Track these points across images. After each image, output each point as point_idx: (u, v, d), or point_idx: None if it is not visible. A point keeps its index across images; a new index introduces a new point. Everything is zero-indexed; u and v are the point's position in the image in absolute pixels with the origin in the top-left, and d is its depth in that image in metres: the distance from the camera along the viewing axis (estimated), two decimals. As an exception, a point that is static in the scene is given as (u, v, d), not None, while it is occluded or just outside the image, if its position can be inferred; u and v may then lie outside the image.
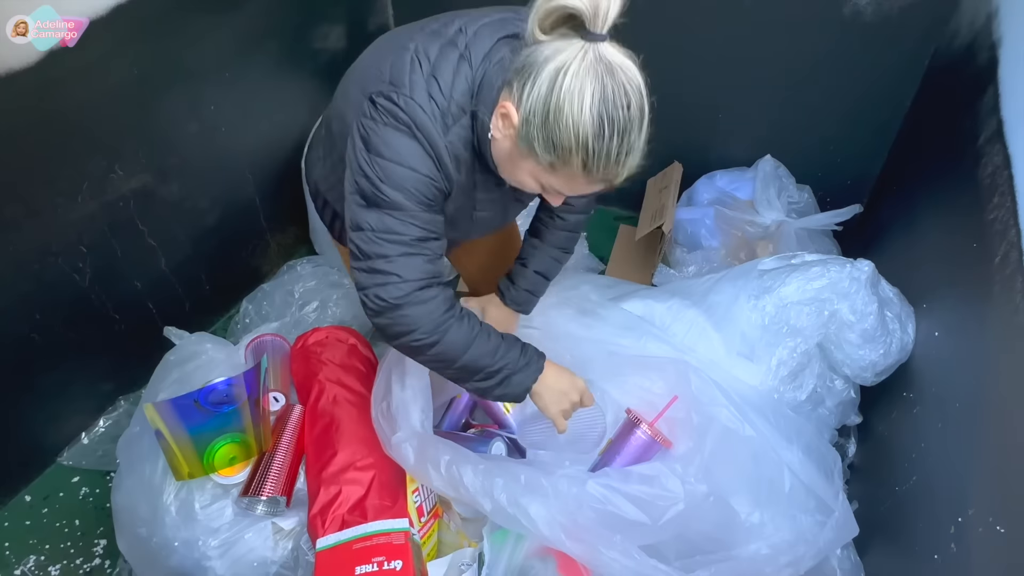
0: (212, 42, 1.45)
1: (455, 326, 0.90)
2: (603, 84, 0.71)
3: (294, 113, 1.77)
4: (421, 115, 0.81)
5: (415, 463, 1.00)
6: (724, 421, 1.06)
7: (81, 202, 1.31)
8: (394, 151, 0.82)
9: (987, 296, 1.01)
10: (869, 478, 1.31)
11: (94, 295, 1.41)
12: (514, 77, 0.77)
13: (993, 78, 1.18)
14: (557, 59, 0.72)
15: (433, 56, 0.83)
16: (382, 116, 0.82)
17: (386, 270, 0.85)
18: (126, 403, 1.55)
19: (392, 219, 0.83)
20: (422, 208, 0.84)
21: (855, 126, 1.74)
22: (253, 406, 1.09)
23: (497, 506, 0.93)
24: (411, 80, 0.82)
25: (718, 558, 0.96)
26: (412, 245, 0.85)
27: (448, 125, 0.83)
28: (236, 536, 1.08)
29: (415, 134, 0.81)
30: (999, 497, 0.85)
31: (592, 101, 0.71)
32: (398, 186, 0.82)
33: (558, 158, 0.76)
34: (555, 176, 0.79)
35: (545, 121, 0.74)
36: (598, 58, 0.72)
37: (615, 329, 1.26)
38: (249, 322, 1.66)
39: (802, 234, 1.68)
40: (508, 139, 0.80)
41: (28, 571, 1.32)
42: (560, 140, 0.74)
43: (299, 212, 1.86)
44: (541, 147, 0.76)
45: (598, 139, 0.73)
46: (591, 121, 0.72)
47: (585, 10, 0.70)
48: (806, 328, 1.25)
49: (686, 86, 1.79)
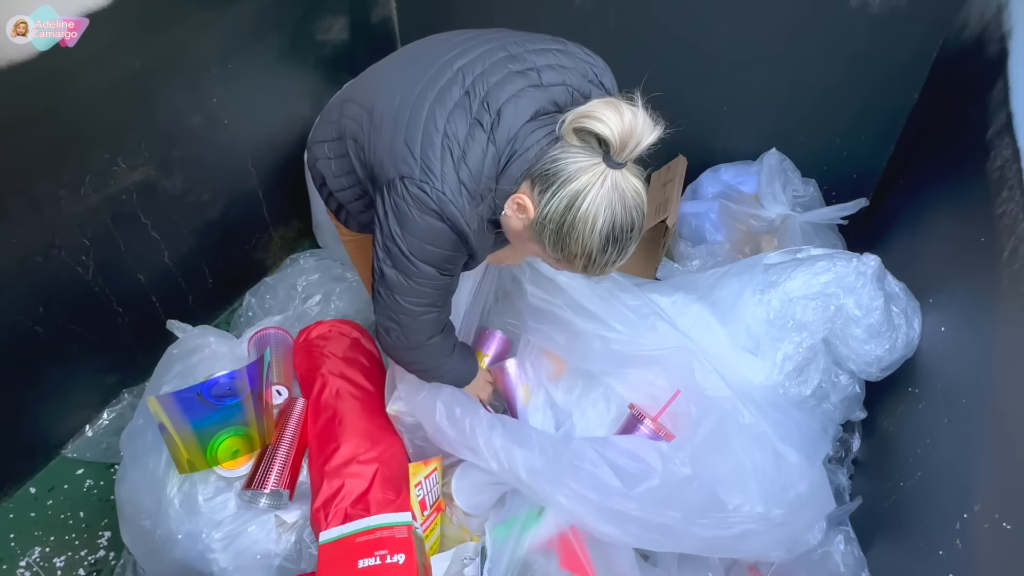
0: (214, 34, 1.45)
1: (447, 362, 1.06)
2: (614, 212, 0.81)
3: (297, 106, 1.76)
4: (452, 209, 0.88)
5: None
6: (724, 408, 1.06)
7: (84, 195, 1.30)
8: (424, 233, 0.89)
9: (995, 291, 1.00)
10: (874, 473, 1.31)
11: (97, 288, 1.41)
12: (537, 178, 0.85)
13: (1003, 71, 1.16)
14: (579, 180, 0.81)
15: (463, 140, 0.88)
16: (416, 202, 0.88)
17: (406, 325, 0.97)
18: (130, 396, 1.55)
19: (416, 285, 0.93)
20: (443, 276, 0.94)
21: (861, 119, 1.73)
22: (256, 399, 1.09)
23: (492, 451, 1.01)
24: (443, 171, 0.87)
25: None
26: (429, 306, 0.96)
27: (476, 205, 0.90)
28: (239, 529, 1.08)
29: (446, 221, 0.89)
30: (1005, 493, 0.85)
31: (602, 226, 0.82)
32: (426, 260, 0.91)
33: (563, 257, 0.87)
34: (557, 264, 0.91)
35: (559, 231, 0.84)
36: (614, 185, 0.81)
37: (625, 308, 1.26)
38: (252, 315, 1.66)
39: (807, 228, 1.66)
40: (520, 222, 0.89)
41: (33, 563, 1.33)
42: (568, 248, 0.85)
43: (302, 205, 1.86)
44: (550, 246, 0.87)
45: (601, 254, 0.84)
46: (598, 242, 0.83)
47: (614, 142, 0.79)
48: (812, 323, 1.24)
49: (691, 79, 1.77)
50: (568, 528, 1.00)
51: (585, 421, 1.14)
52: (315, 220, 1.88)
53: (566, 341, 1.20)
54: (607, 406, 1.16)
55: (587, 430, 1.14)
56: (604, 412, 1.15)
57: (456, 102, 0.89)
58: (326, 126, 1.05)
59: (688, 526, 0.95)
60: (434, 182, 0.87)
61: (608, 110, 0.79)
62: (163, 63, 1.35)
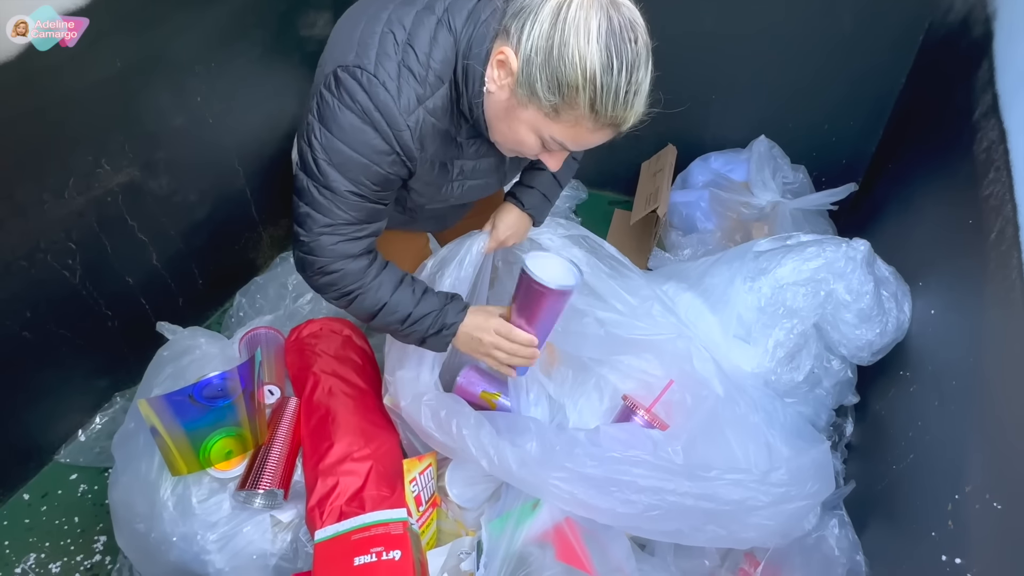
0: (196, 32, 1.43)
1: (369, 290, 0.90)
2: (609, 16, 0.68)
3: (282, 103, 1.75)
4: (383, 95, 0.76)
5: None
6: (718, 396, 1.06)
7: (68, 198, 1.29)
8: (344, 132, 0.78)
9: (983, 272, 1.00)
10: (866, 457, 1.32)
11: (85, 291, 1.40)
12: (510, 22, 0.72)
13: (988, 52, 1.16)
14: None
15: (408, 24, 0.78)
16: (341, 94, 0.78)
17: (305, 241, 0.86)
18: (122, 399, 1.54)
19: (323, 198, 0.82)
20: (356, 197, 0.82)
21: (849, 104, 1.73)
22: (248, 400, 1.08)
23: (481, 450, 0.98)
24: (379, 54, 0.77)
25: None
26: (332, 228, 0.84)
27: (424, 96, 0.78)
28: (235, 529, 1.08)
29: (371, 118, 0.77)
30: (996, 474, 0.85)
31: (599, 31, 0.67)
32: (341, 168, 0.80)
33: (563, 99, 0.71)
34: (559, 123, 0.74)
35: (548, 57, 0.69)
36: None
37: (623, 290, 1.25)
38: (243, 315, 1.65)
39: (797, 215, 1.67)
40: (506, 88, 0.75)
41: (29, 569, 1.33)
42: (566, 76, 0.69)
43: (290, 204, 1.84)
44: (544, 87, 0.71)
45: (607, 72, 0.69)
46: (599, 52, 0.68)
47: None
48: (802, 309, 1.24)
49: (679, 67, 1.76)
50: (563, 520, 1.00)
51: (578, 413, 1.14)
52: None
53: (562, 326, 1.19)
54: (600, 397, 1.16)
55: (580, 422, 1.14)
56: (597, 403, 1.15)
57: (415, 8, 0.80)
58: (310, 99, 1.02)
59: (689, 484, 0.94)
60: (366, 65, 0.76)
61: None
62: (145, 62, 1.34)
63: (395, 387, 1.11)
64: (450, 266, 1.09)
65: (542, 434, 1.01)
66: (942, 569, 0.89)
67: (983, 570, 0.83)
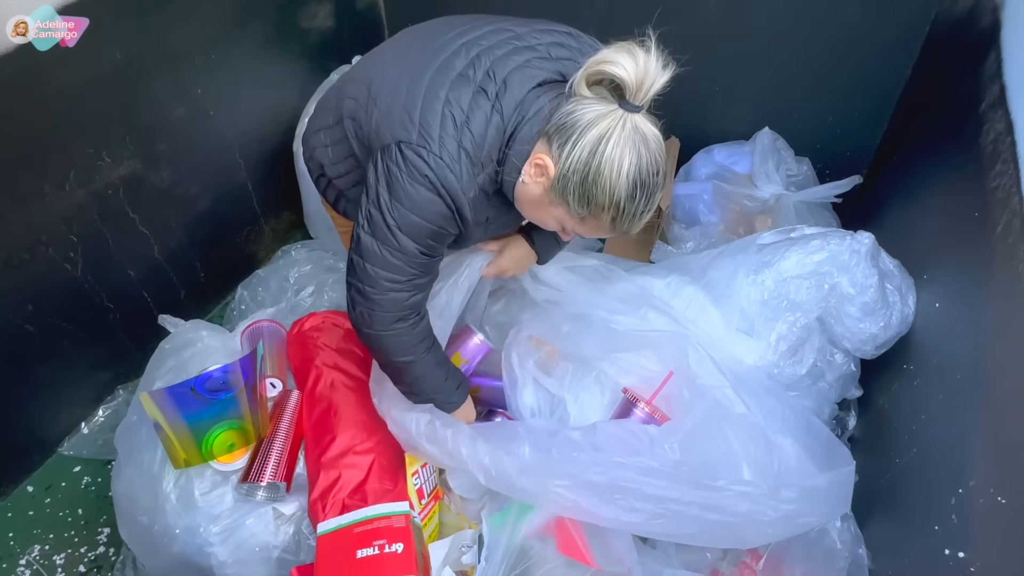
0: (196, 23, 1.42)
1: (419, 360, 1.00)
2: (639, 154, 0.80)
3: (284, 95, 1.74)
4: (448, 174, 0.85)
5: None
6: (716, 396, 1.06)
7: (69, 190, 1.29)
8: (415, 203, 0.86)
9: (989, 266, 1.00)
10: (869, 450, 1.31)
11: (87, 284, 1.39)
12: (553, 133, 0.83)
13: (995, 42, 1.15)
14: (600, 125, 0.79)
15: (466, 106, 0.86)
16: (409, 168, 0.86)
17: (374, 298, 0.93)
18: (125, 392, 1.54)
19: (392, 258, 0.90)
20: (423, 255, 0.91)
21: (854, 95, 1.71)
22: (250, 392, 1.08)
23: (478, 464, 0.99)
24: (442, 135, 0.85)
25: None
26: (402, 284, 0.92)
27: (476, 174, 0.88)
28: (237, 522, 1.08)
29: (439, 192, 0.86)
30: (1001, 468, 0.85)
31: (630, 169, 0.80)
32: (410, 234, 0.88)
33: (590, 212, 0.84)
34: (582, 225, 0.88)
35: (584, 180, 0.81)
36: (635, 128, 0.80)
37: (617, 300, 1.25)
38: (245, 308, 1.65)
39: (801, 207, 1.66)
40: (539, 186, 0.86)
41: (33, 560, 1.33)
42: (596, 198, 0.82)
43: (292, 196, 1.84)
44: (575, 200, 0.83)
45: (630, 201, 0.82)
46: (627, 186, 0.80)
47: (630, 83, 0.78)
48: (806, 302, 1.24)
49: (682, 59, 1.75)
50: (565, 513, 1.00)
51: (579, 407, 1.14)
52: (306, 211, 1.87)
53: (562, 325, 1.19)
54: (600, 391, 1.15)
55: (581, 416, 1.14)
56: (598, 397, 1.15)
57: (459, 72, 0.88)
58: (323, 114, 1.04)
59: (694, 493, 0.94)
60: (431, 146, 0.84)
61: (622, 54, 0.78)
62: (144, 54, 1.33)
63: (382, 397, 1.10)
64: (448, 280, 1.14)
65: (535, 439, 1.00)
66: (945, 563, 0.89)
67: (987, 564, 0.82)
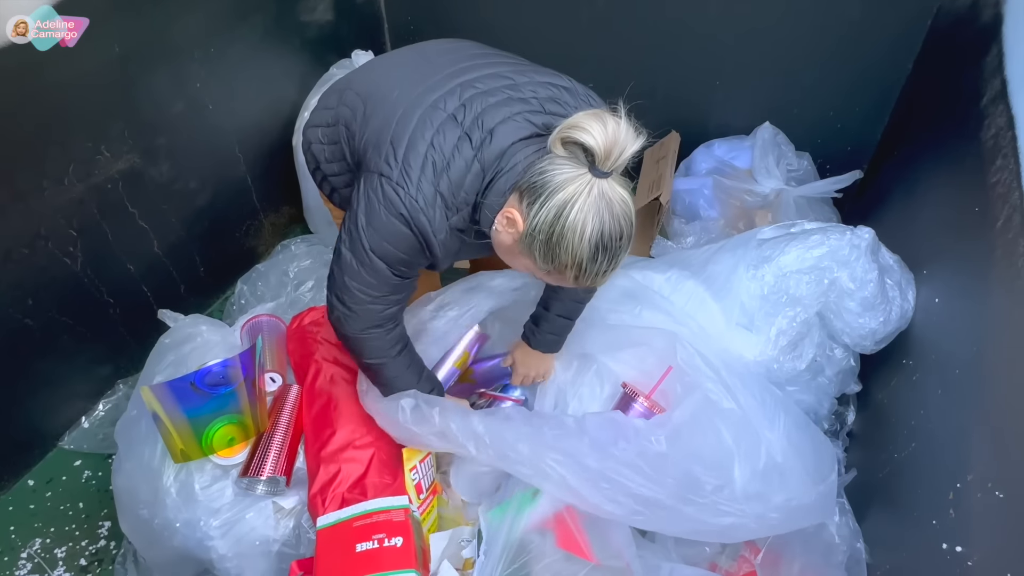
0: (195, 17, 1.42)
1: (390, 363, 1.05)
2: (602, 221, 0.81)
3: (282, 90, 1.73)
4: (421, 218, 0.89)
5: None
6: (706, 392, 1.06)
7: (68, 185, 1.29)
8: (388, 233, 0.91)
9: (989, 261, 1.00)
10: (868, 445, 1.32)
11: (87, 279, 1.39)
12: (525, 191, 0.85)
13: (997, 36, 1.15)
14: (566, 190, 0.81)
15: (448, 152, 0.89)
16: (386, 202, 0.89)
17: (350, 306, 0.98)
18: (125, 386, 1.55)
19: (367, 275, 0.94)
20: (396, 276, 0.95)
21: (856, 90, 1.71)
22: (250, 387, 1.08)
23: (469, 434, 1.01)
24: (420, 180, 0.88)
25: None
26: (376, 298, 0.97)
27: (449, 216, 0.91)
28: (237, 516, 1.09)
29: (411, 228, 0.90)
30: (998, 463, 0.85)
31: (591, 234, 0.82)
32: (383, 257, 0.93)
33: (554, 268, 0.86)
34: (548, 276, 0.90)
35: (548, 241, 0.84)
36: (601, 194, 0.81)
37: (617, 295, 1.26)
38: (244, 303, 1.65)
39: (801, 202, 1.66)
40: (510, 236, 0.89)
41: (35, 553, 1.34)
42: (559, 258, 0.84)
43: (292, 191, 1.84)
44: (540, 257, 0.86)
45: (592, 262, 0.84)
46: (588, 250, 0.83)
47: (598, 151, 0.79)
48: (806, 297, 1.24)
49: (683, 54, 1.75)
50: (563, 508, 1.01)
51: (579, 400, 1.14)
52: (306, 205, 1.87)
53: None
54: (600, 385, 1.16)
55: (581, 409, 1.14)
56: (598, 390, 1.15)
57: (449, 114, 0.90)
58: (322, 112, 1.06)
59: (679, 503, 0.95)
60: (409, 188, 0.88)
61: (592, 120, 0.80)
62: (142, 48, 1.32)
63: (367, 394, 1.11)
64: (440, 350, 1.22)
65: (528, 418, 1.03)
66: (943, 557, 0.89)
67: (984, 558, 0.83)
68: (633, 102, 0.83)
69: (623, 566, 1.00)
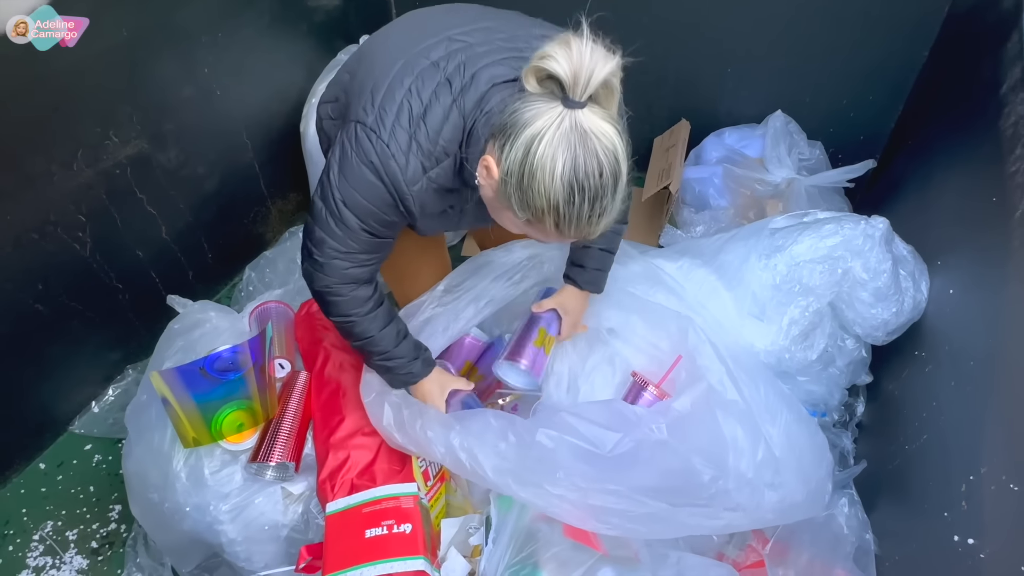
0: (202, 2, 1.40)
1: (359, 321, 1.00)
2: (575, 154, 0.73)
3: (290, 75, 1.72)
4: (391, 164, 0.85)
5: (385, 423, 1.07)
6: (711, 381, 1.05)
7: (77, 170, 1.28)
8: (358, 183, 0.87)
9: (1005, 252, 0.98)
10: (879, 437, 1.31)
11: (96, 264, 1.40)
12: (498, 133, 0.79)
13: (1017, 23, 1.12)
14: (535, 125, 0.74)
15: (426, 98, 0.85)
16: (358, 149, 0.86)
17: (318, 260, 0.95)
18: (134, 372, 1.55)
19: (337, 229, 0.91)
20: (366, 233, 0.91)
21: (869, 78, 1.68)
22: (259, 373, 1.09)
23: (450, 452, 0.99)
24: (395, 125, 0.85)
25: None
26: (344, 254, 0.93)
27: (428, 167, 0.87)
28: (247, 501, 1.09)
29: (381, 177, 0.86)
30: (1013, 455, 0.84)
31: (563, 170, 0.74)
32: (353, 210, 0.89)
33: (532, 216, 0.79)
34: (531, 228, 0.83)
35: (520, 185, 0.77)
36: (573, 126, 0.74)
37: (631, 278, 1.25)
38: (252, 289, 1.65)
39: (813, 192, 1.64)
40: (490, 188, 0.83)
41: (46, 536, 1.35)
42: (533, 203, 0.77)
43: (300, 178, 1.83)
44: (516, 205, 0.79)
45: (568, 204, 0.76)
46: (562, 190, 0.75)
47: (565, 77, 0.72)
48: (818, 287, 1.23)
49: (693, 41, 1.73)
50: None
51: (591, 386, 1.14)
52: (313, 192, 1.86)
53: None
54: (612, 371, 1.15)
55: (592, 395, 1.14)
56: (609, 376, 1.15)
57: (432, 62, 0.87)
58: (332, 87, 1.04)
59: (673, 513, 0.94)
60: (382, 133, 0.84)
61: (557, 46, 0.73)
62: (150, 32, 1.32)
63: (363, 391, 1.12)
64: None
65: (515, 436, 0.98)
66: (954, 549, 0.89)
67: (997, 551, 0.82)
68: (643, 90, 0.79)
69: (631, 555, 1.00)
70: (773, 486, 1.01)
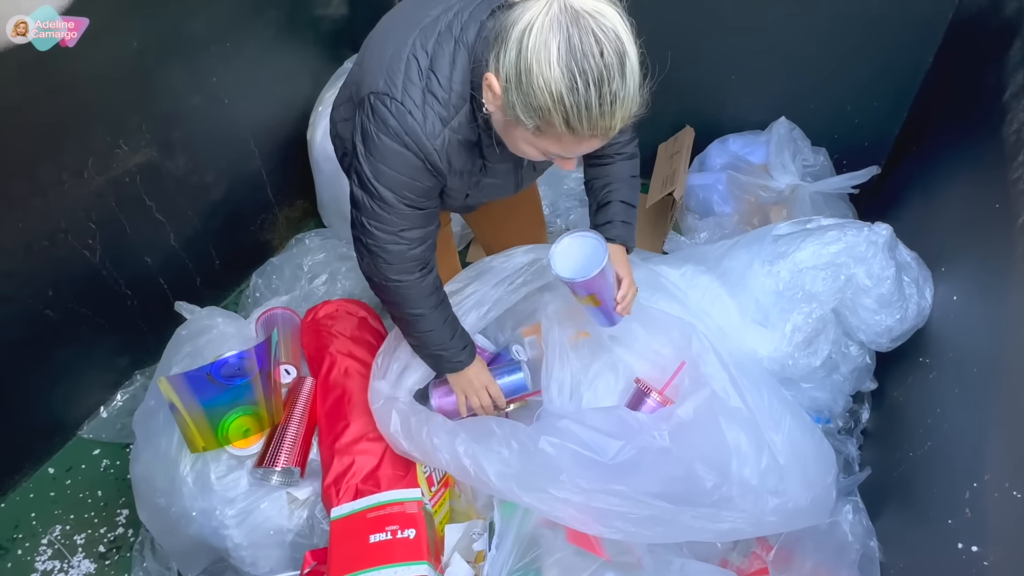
0: (212, 11, 1.43)
1: (428, 317, 1.01)
2: (568, 35, 0.68)
3: (297, 84, 1.74)
4: (411, 122, 0.84)
5: (392, 429, 1.07)
6: (714, 388, 1.05)
7: (87, 178, 1.30)
8: (384, 156, 0.87)
9: (1009, 258, 0.98)
10: (883, 444, 1.31)
11: (105, 271, 1.41)
12: (493, 45, 0.76)
13: (1020, 30, 1.13)
14: (524, 19, 0.70)
15: (430, 48, 0.84)
16: (376, 120, 0.86)
17: (374, 250, 0.94)
18: (142, 377, 1.57)
19: (380, 210, 0.91)
20: (406, 206, 0.91)
21: (874, 85, 1.69)
22: (265, 379, 1.10)
23: (455, 458, 1.00)
24: (405, 81, 0.84)
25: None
26: (393, 236, 0.93)
27: (448, 118, 0.85)
28: (252, 505, 1.10)
29: (404, 141, 0.85)
30: (1016, 462, 0.84)
31: (559, 55, 0.68)
32: (388, 185, 0.89)
33: (540, 120, 0.73)
34: (545, 139, 0.77)
35: (519, 84, 0.72)
36: (563, 8, 0.69)
37: (637, 283, 1.24)
38: (259, 296, 1.66)
39: (817, 198, 1.64)
40: (496, 108, 0.79)
41: (55, 540, 1.36)
42: (536, 101, 0.72)
43: (306, 185, 1.85)
44: (522, 112, 0.74)
45: (572, 92, 0.70)
46: (561, 76, 0.69)
47: None
48: (822, 293, 1.23)
49: (698, 47, 1.73)
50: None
51: (593, 392, 1.14)
52: (320, 200, 1.88)
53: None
54: (615, 377, 1.15)
55: (595, 402, 1.14)
56: (612, 384, 1.15)
57: (432, 19, 0.86)
58: (344, 88, 1.04)
59: (676, 515, 0.94)
60: (395, 93, 0.83)
61: None
62: (160, 42, 1.34)
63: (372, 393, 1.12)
64: None
65: (517, 444, 0.99)
66: (958, 557, 0.88)
67: (1001, 558, 0.82)
68: (647, 97, 0.78)
69: (634, 561, 1.00)
70: (777, 493, 1.00)
